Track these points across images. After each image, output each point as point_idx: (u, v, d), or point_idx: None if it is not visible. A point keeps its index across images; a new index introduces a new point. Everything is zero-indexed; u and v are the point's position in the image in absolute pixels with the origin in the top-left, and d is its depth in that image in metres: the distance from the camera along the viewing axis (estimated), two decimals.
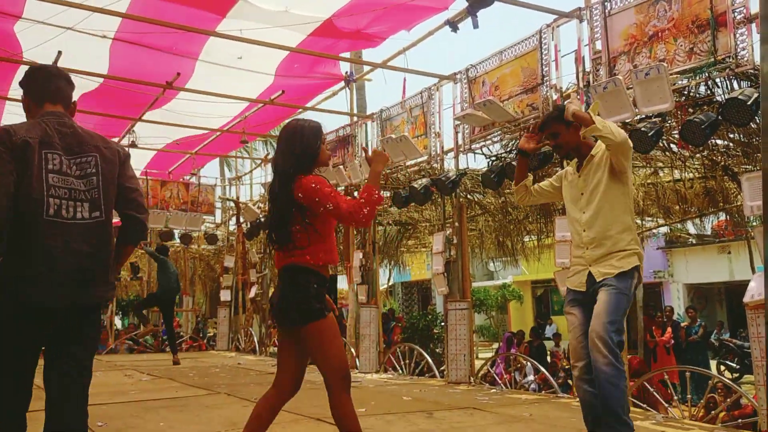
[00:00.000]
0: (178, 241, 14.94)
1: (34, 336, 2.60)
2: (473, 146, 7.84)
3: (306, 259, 2.97)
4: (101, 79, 9.06)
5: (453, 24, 7.08)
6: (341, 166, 9.95)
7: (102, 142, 2.79)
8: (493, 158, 7.64)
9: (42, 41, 7.78)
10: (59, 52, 8.18)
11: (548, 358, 12.42)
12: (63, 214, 2.57)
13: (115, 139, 11.76)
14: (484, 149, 7.83)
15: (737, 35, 5.16)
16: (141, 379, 7.95)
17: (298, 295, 2.96)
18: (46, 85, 2.79)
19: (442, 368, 8.37)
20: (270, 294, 14.57)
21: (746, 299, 5.07)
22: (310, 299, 2.95)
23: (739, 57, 5.14)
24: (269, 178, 12.88)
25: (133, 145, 11.30)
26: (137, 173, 12.86)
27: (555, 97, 6.70)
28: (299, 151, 3.02)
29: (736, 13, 5.17)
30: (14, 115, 10.11)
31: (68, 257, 2.55)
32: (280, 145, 3.10)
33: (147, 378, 8.09)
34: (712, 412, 6.82)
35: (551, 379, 7.38)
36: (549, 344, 14.61)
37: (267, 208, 3.29)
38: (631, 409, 5.57)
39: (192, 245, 15.31)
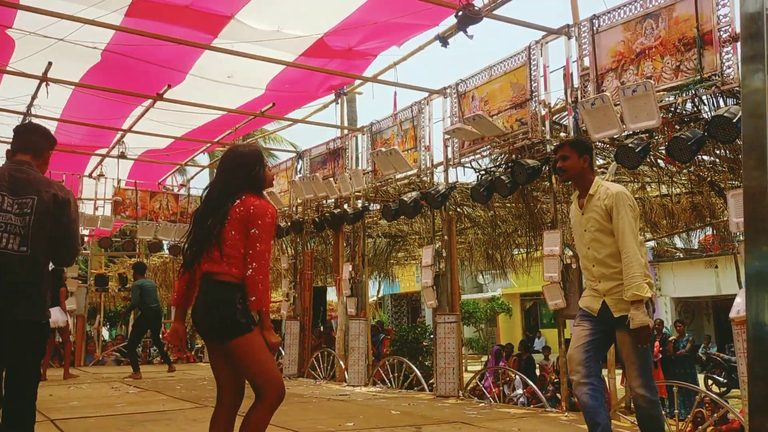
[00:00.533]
0: (167, 252, 14.89)
1: None
2: (463, 160, 7.88)
3: (232, 272, 2.95)
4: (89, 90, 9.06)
5: (443, 39, 7.13)
6: (331, 179, 9.97)
7: (45, 187, 3.21)
8: (483, 172, 7.69)
9: (32, 52, 7.76)
10: (49, 63, 8.18)
11: (537, 372, 12.43)
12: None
13: (104, 150, 11.76)
14: (474, 163, 7.87)
15: (723, 54, 5.24)
16: (128, 392, 7.89)
17: (225, 309, 2.94)
18: (23, 138, 3.36)
19: (431, 381, 8.36)
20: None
21: (732, 314, 5.11)
22: (236, 314, 2.92)
23: (724, 75, 5.21)
24: None
25: (123, 155, 11.29)
26: (124, 184, 12.83)
27: (543, 112, 6.76)
28: (242, 174, 3.08)
29: (721, 32, 5.25)
30: (2, 124, 10.11)
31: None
32: (225, 167, 3.14)
33: (134, 390, 8.03)
34: (700, 427, 6.85)
35: (539, 393, 7.39)
36: (538, 357, 14.62)
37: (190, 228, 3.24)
38: (618, 423, 5.60)
39: (181, 256, 15.24)
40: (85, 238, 13.07)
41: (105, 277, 14.29)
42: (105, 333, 18.34)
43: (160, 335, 11.25)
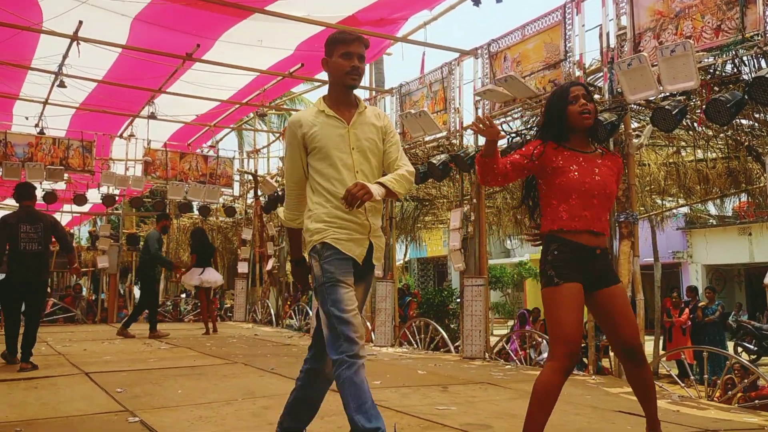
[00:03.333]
0: (196, 212, 15.06)
1: (20, 293, 6.37)
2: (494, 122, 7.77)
3: (545, 225, 3.04)
4: (119, 50, 9.07)
5: None
6: None
7: (44, 218, 6.53)
8: (514, 134, 7.57)
9: (64, 10, 7.78)
10: (80, 22, 8.19)
11: None
12: (26, 248, 6.30)
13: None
14: (505, 126, 7.76)
15: (767, 12, 5.04)
16: (159, 348, 8.07)
17: (541, 261, 3.03)
18: (23, 192, 6.59)
19: (457, 344, 8.41)
20: (287, 267, 14.68)
21: (766, 281, 5.03)
22: (545, 265, 2.96)
23: (767, 35, 5.03)
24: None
25: (153, 116, 11.34)
26: (159, 145, 13.01)
27: (578, 73, 6.61)
28: (543, 119, 3.17)
29: None
30: (35, 84, 10.19)
31: (27, 262, 6.29)
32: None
33: (165, 347, 8.21)
34: (729, 392, 6.81)
35: None
36: None
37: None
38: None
39: (210, 217, 15.41)
40: (116, 198, 13.24)
41: (137, 237, 14.54)
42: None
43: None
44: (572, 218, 2.96)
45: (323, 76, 10.95)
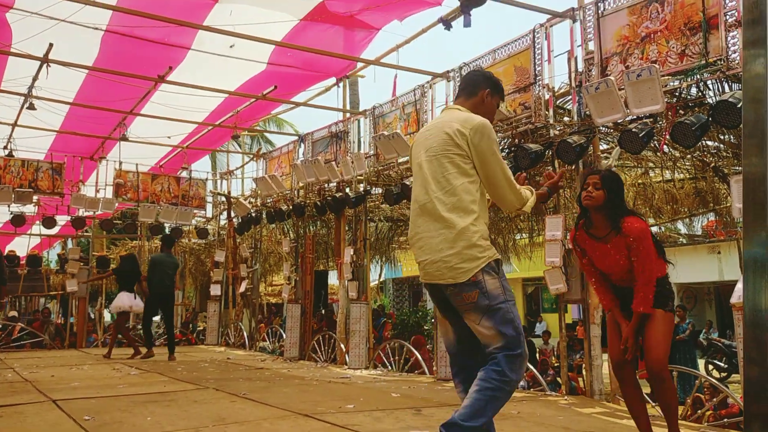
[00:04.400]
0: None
1: None
2: None
3: None
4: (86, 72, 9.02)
5: (446, 22, 7.07)
6: (333, 163, 9.95)
7: None
8: None
9: (34, 33, 7.73)
10: (50, 44, 8.14)
11: (537, 356, 12.46)
12: None
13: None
14: None
15: (728, 38, 5.19)
16: (129, 373, 7.93)
17: None
18: None
19: (432, 365, 8.39)
20: (261, 289, 14.57)
21: (733, 300, 5.11)
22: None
23: (730, 60, 5.17)
24: (260, 173, 12.87)
25: (124, 138, 11.26)
26: (130, 167, 12.92)
27: (547, 96, 6.72)
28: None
29: (727, 16, 5.20)
30: (4, 106, 10.08)
31: None
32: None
33: (135, 372, 8.07)
34: (699, 411, 6.87)
35: (540, 377, 7.41)
36: (538, 342, 14.66)
37: None
38: (617, 406, 5.62)
39: (182, 239, 15.28)
40: (86, 220, 13.09)
41: (107, 260, 14.34)
42: (107, 315, 18.41)
43: (173, 319, 11.10)
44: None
45: (296, 98, 11.07)
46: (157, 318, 18.46)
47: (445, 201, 2.95)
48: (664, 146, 6.96)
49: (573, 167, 6.76)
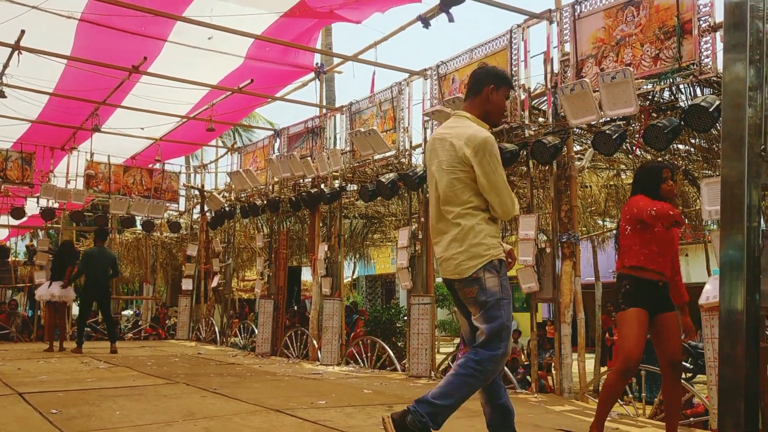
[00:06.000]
0: (140, 227, 14.73)
1: None
2: None
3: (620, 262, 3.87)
4: (65, 61, 8.87)
5: (425, 20, 7.08)
6: (309, 158, 9.91)
7: None
8: None
9: (5, 19, 7.56)
10: (22, 31, 7.98)
11: None
12: None
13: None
14: None
15: (701, 43, 5.27)
16: (98, 367, 7.83)
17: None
18: None
19: (404, 362, 8.41)
20: (233, 284, 14.46)
21: (701, 301, 5.20)
22: (617, 295, 3.81)
23: (702, 64, 5.25)
24: (235, 167, 12.77)
25: (97, 129, 11.09)
26: (101, 158, 12.80)
27: (523, 97, 6.76)
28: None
29: (701, 22, 5.28)
30: None
31: None
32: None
33: (104, 366, 7.97)
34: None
35: (510, 375, 7.47)
36: None
37: None
38: (586, 404, 5.69)
39: (154, 232, 15.10)
40: (56, 211, 12.88)
41: (76, 252, 14.10)
42: (75, 308, 18.13)
43: (110, 311, 10.96)
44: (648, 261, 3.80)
45: (279, 92, 11.00)
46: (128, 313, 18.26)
47: (455, 211, 3.15)
48: (637, 149, 7.06)
49: (546, 167, 6.82)
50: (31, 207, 13.35)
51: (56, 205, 12.80)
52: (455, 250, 3.12)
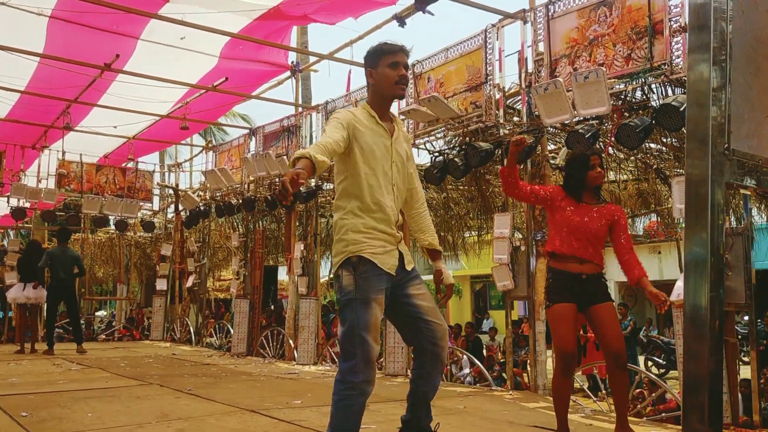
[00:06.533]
0: (113, 227, 14.56)
1: None
2: (417, 141, 7.88)
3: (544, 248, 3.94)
4: (37, 59, 8.73)
5: (400, 19, 7.10)
6: (285, 157, 9.87)
7: None
8: (436, 154, 7.72)
9: None
10: None
11: (484, 352, 12.64)
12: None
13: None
14: (428, 145, 7.89)
15: (672, 43, 5.35)
16: (70, 369, 7.72)
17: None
18: None
19: (381, 360, 8.42)
20: (208, 284, 14.34)
21: (672, 298, 5.27)
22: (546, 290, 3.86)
23: (673, 64, 5.33)
24: (209, 165, 12.67)
25: (68, 127, 10.94)
26: (74, 157, 12.60)
27: (498, 96, 6.80)
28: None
29: (672, 22, 5.35)
30: None
31: None
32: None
33: (76, 367, 7.86)
34: (639, 406, 7.08)
35: (486, 372, 7.52)
36: (485, 338, 14.86)
37: None
38: None
39: (128, 232, 14.94)
40: (27, 211, 12.69)
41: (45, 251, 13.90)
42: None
43: (78, 313, 10.82)
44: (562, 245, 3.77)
45: (249, 91, 10.94)
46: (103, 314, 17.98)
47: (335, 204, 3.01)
48: (609, 147, 7.14)
49: (521, 166, 6.87)
50: (1, 207, 13.13)
51: (27, 205, 12.59)
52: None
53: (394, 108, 8.02)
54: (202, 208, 12.31)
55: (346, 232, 2.87)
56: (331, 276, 24.67)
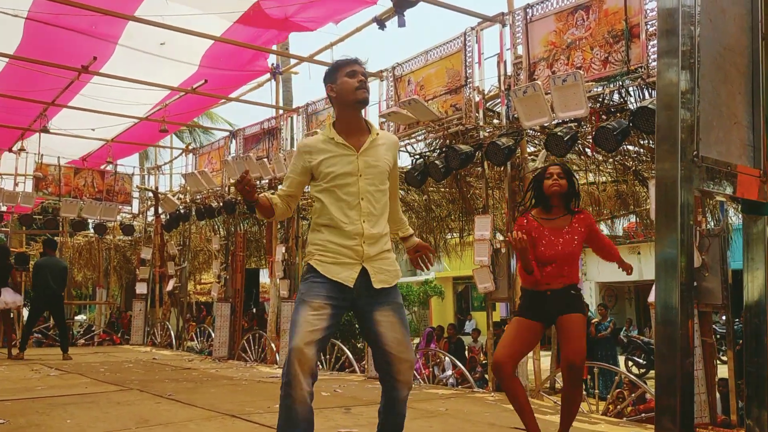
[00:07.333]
0: (92, 231, 14.42)
1: None
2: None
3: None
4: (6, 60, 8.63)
5: (380, 22, 7.11)
6: (265, 159, 9.84)
7: None
8: (417, 156, 7.74)
9: None
10: None
11: (466, 354, 12.69)
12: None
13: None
14: (409, 147, 7.91)
15: (649, 47, 5.41)
16: (49, 374, 7.64)
17: None
18: None
19: (363, 363, 8.42)
20: (189, 287, 14.25)
21: (651, 299, 5.34)
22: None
23: (650, 67, 5.39)
24: (190, 168, 12.60)
25: (45, 130, 10.82)
26: (51, 159, 12.42)
27: (477, 99, 6.84)
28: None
29: (648, 26, 5.42)
30: None
31: None
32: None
33: (55, 373, 7.78)
34: (619, 406, 7.14)
35: (468, 374, 7.55)
36: (467, 339, 14.91)
37: None
38: (542, 402, 5.78)
39: (107, 236, 14.80)
40: (3, 215, 12.54)
41: (26, 256, 13.73)
42: (26, 314, 17.65)
43: (65, 323, 10.72)
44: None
45: (235, 93, 10.89)
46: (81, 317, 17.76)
47: None
48: (587, 150, 7.21)
49: (501, 168, 6.92)
50: None
51: (4, 208, 12.44)
52: None
53: (374, 112, 8.03)
54: (182, 211, 12.24)
55: (308, 245, 3.05)
56: None
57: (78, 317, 20.15)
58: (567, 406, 3.72)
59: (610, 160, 8.07)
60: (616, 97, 5.98)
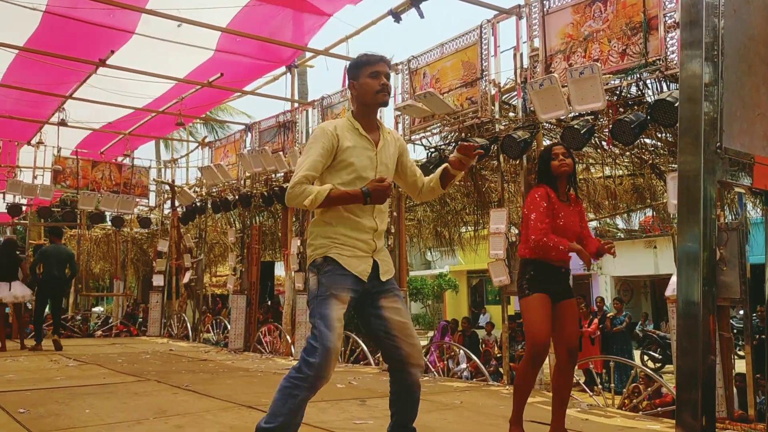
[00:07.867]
0: (109, 223, 14.55)
1: None
2: (413, 137, 7.89)
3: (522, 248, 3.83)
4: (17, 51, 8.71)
5: (396, 14, 7.10)
6: (281, 153, 9.87)
7: None
8: (432, 150, 7.72)
9: None
10: None
11: (480, 347, 12.68)
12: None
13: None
14: (424, 140, 7.89)
15: (667, 39, 5.36)
16: (67, 365, 7.73)
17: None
18: None
19: (377, 355, 8.44)
20: (205, 280, 14.34)
21: (668, 293, 5.31)
22: (521, 281, 3.76)
23: (668, 60, 5.34)
24: (206, 161, 12.66)
25: (63, 123, 10.91)
26: (68, 153, 12.56)
27: (493, 91, 6.81)
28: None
29: (666, 18, 5.36)
30: None
31: None
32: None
33: (74, 364, 7.87)
34: (635, 400, 7.11)
35: (482, 367, 7.55)
36: (481, 333, 14.91)
37: None
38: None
39: (124, 228, 14.93)
40: (23, 208, 12.67)
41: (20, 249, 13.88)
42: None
43: (61, 308, 10.80)
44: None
45: (251, 86, 10.91)
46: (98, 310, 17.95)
47: None
48: (604, 143, 7.15)
49: (517, 162, 6.89)
50: None
51: (23, 201, 12.58)
52: None
53: (390, 105, 8.03)
54: (198, 204, 12.30)
55: (316, 237, 2.97)
56: None
57: (95, 309, 20.33)
58: (562, 391, 3.73)
59: (627, 153, 8.01)
60: (633, 89, 5.93)
